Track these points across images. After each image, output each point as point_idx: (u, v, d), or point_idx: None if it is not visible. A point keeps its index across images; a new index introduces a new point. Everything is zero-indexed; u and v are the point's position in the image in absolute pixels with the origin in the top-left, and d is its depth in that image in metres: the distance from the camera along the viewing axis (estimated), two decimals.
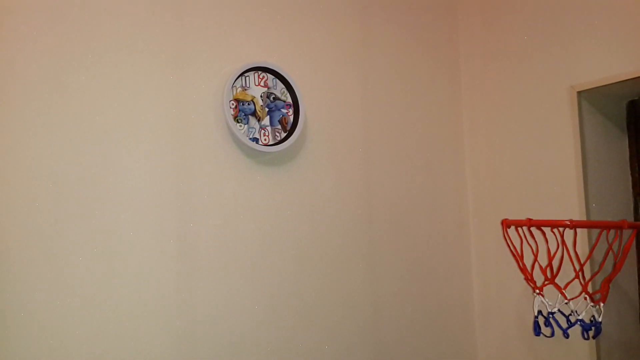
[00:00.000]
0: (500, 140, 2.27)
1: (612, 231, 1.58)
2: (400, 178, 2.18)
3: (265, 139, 1.85)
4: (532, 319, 2.11)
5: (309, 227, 1.95)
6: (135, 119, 1.66)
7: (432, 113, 2.31)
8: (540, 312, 1.65)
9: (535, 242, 1.63)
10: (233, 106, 1.80)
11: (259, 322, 1.80)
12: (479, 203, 2.34)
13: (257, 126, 1.85)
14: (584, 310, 1.57)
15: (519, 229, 1.69)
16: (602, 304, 1.54)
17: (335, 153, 2.04)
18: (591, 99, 2.01)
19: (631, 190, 2.06)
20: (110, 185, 1.60)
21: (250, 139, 1.81)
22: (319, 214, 1.97)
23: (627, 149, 2.08)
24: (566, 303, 1.58)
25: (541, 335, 1.64)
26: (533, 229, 1.66)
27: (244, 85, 1.83)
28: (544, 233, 1.59)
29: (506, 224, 1.65)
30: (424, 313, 2.18)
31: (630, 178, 2.07)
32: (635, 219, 2.01)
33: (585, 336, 1.56)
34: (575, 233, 1.54)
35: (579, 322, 1.57)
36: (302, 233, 1.93)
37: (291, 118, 1.92)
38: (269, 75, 1.88)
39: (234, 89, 1.81)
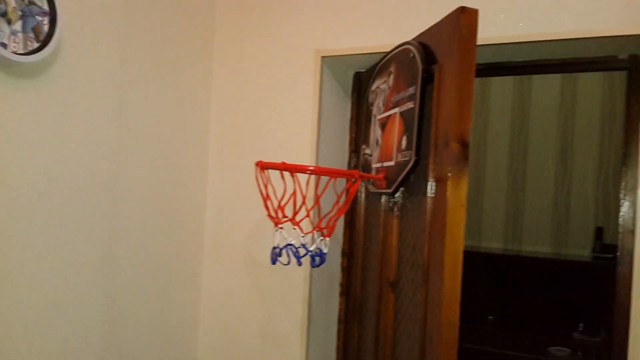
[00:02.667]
0: (248, 92, 2.44)
1: (339, 179, 1.89)
2: (151, 109, 2.19)
3: (15, 46, 1.65)
4: (258, 253, 2.38)
5: (55, 149, 1.82)
6: None
7: (185, 60, 2.36)
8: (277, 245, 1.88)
9: (285, 184, 1.83)
10: None
11: None
12: (220, 147, 2.49)
13: (7, 30, 1.63)
14: (314, 243, 1.86)
15: (264, 172, 1.88)
16: (328, 239, 1.86)
17: (88, 74, 1.93)
18: (331, 64, 2.32)
19: (348, 147, 2.47)
20: None
21: None
22: (66, 137, 1.86)
23: (350, 113, 2.47)
24: (303, 237, 1.85)
25: (277, 263, 1.87)
26: (268, 172, 1.86)
27: None
28: (293, 176, 1.81)
29: (261, 165, 1.82)
30: (157, 245, 2.26)
31: (348, 137, 2.47)
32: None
33: (314, 264, 1.86)
34: (319, 179, 1.80)
35: (309, 253, 1.85)
36: (46, 155, 1.79)
37: (46, 28, 1.74)
38: None
39: None
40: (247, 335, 2.42)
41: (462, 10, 1.54)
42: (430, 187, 1.60)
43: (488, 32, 1.94)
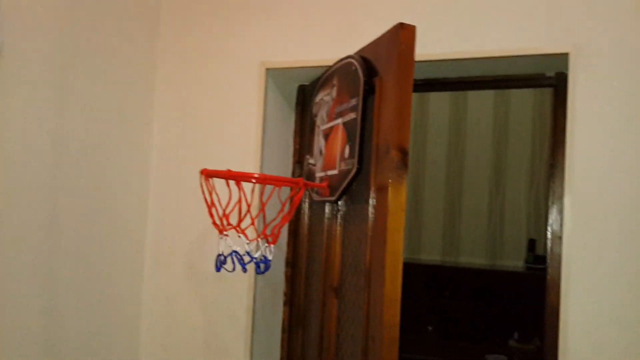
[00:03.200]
0: (192, 103, 2.45)
1: (283, 188, 1.93)
2: (91, 117, 2.17)
3: None
4: (201, 263, 2.38)
5: None
6: None
7: (127, 69, 2.36)
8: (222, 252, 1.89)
9: (230, 192, 1.85)
10: None
11: None
12: (163, 156, 2.49)
13: None
14: (259, 250, 1.89)
15: (209, 180, 1.89)
16: (272, 246, 1.89)
17: (28, 80, 1.90)
18: (275, 77, 2.37)
19: (292, 158, 2.52)
20: None
21: None
22: (2, 144, 1.82)
23: (293, 125, 2.52)
24: (248, 244, 1.86)
25: (221, 271, 1.88)
26: (213, 180, 1.87)
27: None
28: (238, 184, 1.83)
29: (206, 173, 1.83)
30: (96, 254, 2.22)
31: (292, 148, 2.52)
32: None
33: (259, 271, 1.88)
34: (264, 187, 1.83)
35: (253, 260, 1.87)
36: None
37: None
38: None
39: None
40: (190, 345, 2.40)
41: (401, 26, 1.62)
42: (372, 194, 1.66)
43: (425, 49, 2.04)
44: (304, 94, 2.50)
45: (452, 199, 4.45)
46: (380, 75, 1.71)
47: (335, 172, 1.90)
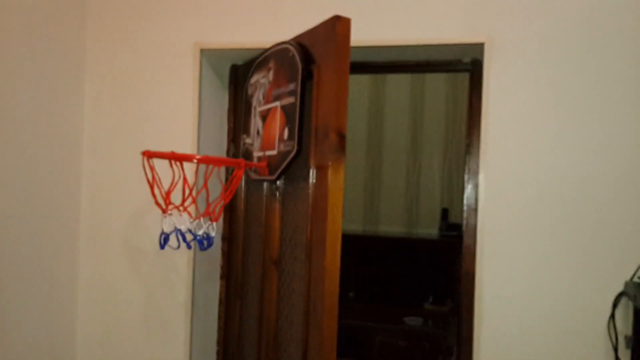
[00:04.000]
0: (125, 84, 2.46)
1: (223, 167, 2.01)
2: (19, 101, 2.14)
3: None
4: (139, 241, 2.43)
5: None
6: None
7: (55, 52, 2.32)
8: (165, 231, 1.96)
9: (173, 172, 1.91)
10: None
11: None
12: (95, 137, 2.48)
13: None
14: (201, 228, 1.97)
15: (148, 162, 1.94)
16: (215, 223, 1.98)
17: None
18: (209, 57, 2.42)
19: (226, 136, 2.59)
20: None
21: None
22: None
23: (227, 104, 2.59)
24: (191, 222, 1.95)
25: (166, 248, 1.95)
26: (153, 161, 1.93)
27: None
28: (181, 165, 1.90)
29: (148, 155, 1.88)
30: (31, 234, 2.22)
31: (226, 127, 2.60)
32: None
33: (202, 247, 1.97)
34: (208, 167, 1.91)
35: (196, 238, 1.96)
36: None
37: None
38: None
39: None
40: (130, 321, 2.45)
41: (338, 19, 1.73)
42: (312, 174, 1.79)
43: (354, 36, 2.17)
44: (237, 73, 2.57)
45: (372, 174, 4.67)
46: (317, 63, 1.83)
47: (274, 152, 2.01)
